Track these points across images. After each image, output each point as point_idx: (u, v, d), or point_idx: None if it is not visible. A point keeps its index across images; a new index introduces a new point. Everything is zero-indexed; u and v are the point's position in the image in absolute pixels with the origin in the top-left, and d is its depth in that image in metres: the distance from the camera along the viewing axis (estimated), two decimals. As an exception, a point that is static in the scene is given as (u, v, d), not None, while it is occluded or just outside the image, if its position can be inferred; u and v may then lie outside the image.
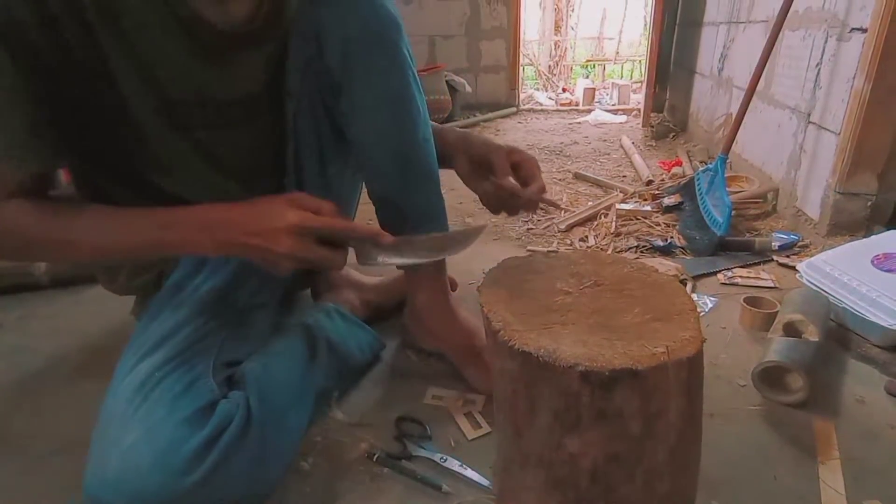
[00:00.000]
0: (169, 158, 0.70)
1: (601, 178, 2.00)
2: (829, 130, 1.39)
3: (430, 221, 0.82)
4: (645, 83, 3.19)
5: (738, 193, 1.64)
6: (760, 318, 0.98)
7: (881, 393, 0.83)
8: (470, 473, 0.69)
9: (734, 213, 1.45)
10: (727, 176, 1.65)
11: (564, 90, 5.37)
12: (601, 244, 1.41)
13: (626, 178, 2.06)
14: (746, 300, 1.01)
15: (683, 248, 1.37)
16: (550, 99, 4.82)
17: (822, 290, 1.01)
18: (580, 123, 3.36)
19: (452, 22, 3.67)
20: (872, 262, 1.02)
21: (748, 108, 1.59)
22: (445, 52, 3.68)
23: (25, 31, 0.57)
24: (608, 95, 4.81)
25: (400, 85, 0.75)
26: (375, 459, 0.72)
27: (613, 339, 0.56)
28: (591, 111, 3.74)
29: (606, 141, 2.79)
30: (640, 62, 6.93)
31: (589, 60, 8.05)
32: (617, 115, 3.57)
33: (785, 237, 1.36)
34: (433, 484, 0.68)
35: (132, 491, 0.56)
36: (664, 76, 3.45)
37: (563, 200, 1.76)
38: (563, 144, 2.69)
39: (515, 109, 3.77)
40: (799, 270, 1.09)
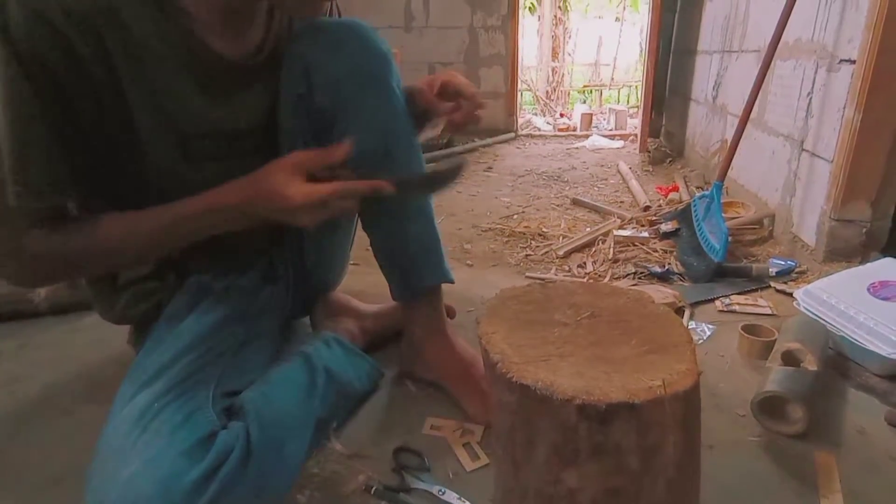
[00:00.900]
0: (177, 190, 0.71)
1: (599, 203, 2.02)
2: (822, 158, 1.41)
3: (426, 253, 0.83)
4: (641, 109, 3.24)
5: (734, 219, 1.65)
6: (759, 346, 0.98)
7: (881, 423, 0.83)
8: (468, 507, 0.69)
9: (731, 238, 1.47)
10: (723, 202, 1.66)
11: (562, 115, 5.45)
12: (599, 270, 1.42)
13: (623, 203, 2.08)
14: (744, 328, 1.02)
15: (681, 274, 1.38)
16: (548, 124, 4.88)
17: (819, 318, 1.02)
18: (578, 149, 3.40)
19: (452, 49, 3.74)
20: (868, 289, 1.02)
21: (742, 135, 1.61)
22: (444, 78, 3.74)
23: (51, 68, 0.58)
24: (605, 120, 4.88)
25: (391, 120, 0.76)
26: (373, 492, 0.71)
27: (611, 371, 0.56)
28: (588, 136, 3.78)
29: (604, 166, 2.82)
30: (636, 87, 7.04)
31: (586, 86, 8.18)
32: (614, 140, 3.61)
33: (782, 263, 1.37)
34: (431, 517, 0.67)
35: (131, 525, 0.55)
36: (660, 102, 3.50)
37: (561, 226, 1.77)
38: (561, 170, 2.72)
39: (514, 135, 3.82)
40: (796, 298, 1.09)
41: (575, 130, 4.39)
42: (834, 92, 1.36)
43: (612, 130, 4.41)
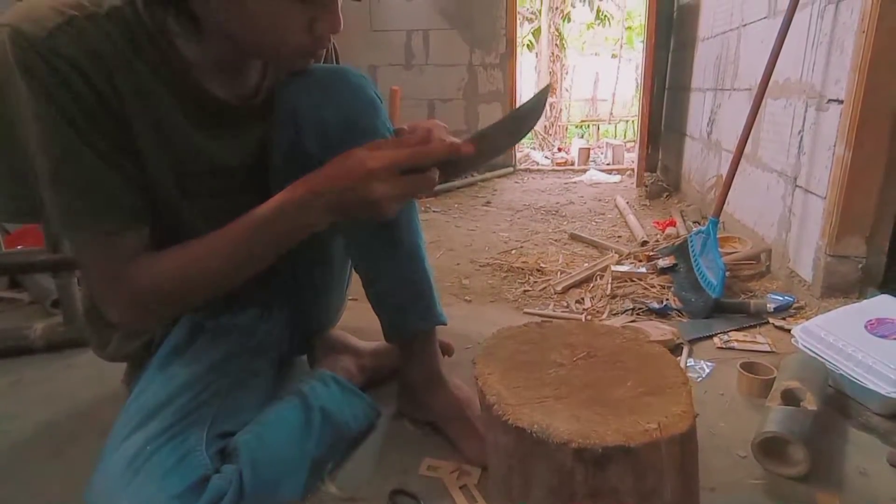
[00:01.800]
0: (175, 226, 0.73)
1: (596, 238, 2.03)
2: (815, 194, 1.42)
3: (417, 297, 0.83)
4: (637, 145, 3.29)
5: (731, 254, 1.66)
6: (758, 384, 0.98)
7: (883, 464, 0.82)
8: (465, 552, 0.67)
9: (728, 274, 1.47)
10: (720, 236, 1.68)
11: (560, 150, 5.53)
12: (597, 306, 1.42)
13: (621, 238, 2.09)
14: (743, 366, 1.01)
15: (679, 310, 1.38)
16: (547, 158, 4.95)
17: (818, 355, 1.01)
18: (576, 183, 3.44)
19: (451, 86, 3.82)
20: (866, 327, 1.02)
21: (737, 170, 1.64)
22: (444, 114, 3.82)
23: (80, 98, 0.60)
24: (603, 155, 4.95)
25: None
26: (368, 537, 0.70)
27: (606, 414, 0.56)
28: (586, 171, 3.83)
29: (601, 201, 2.84)
30: (633, 122, 7.17)
31: (583, 121, 8.32)
32: (611, 174, 3.66)
33: (780, 299, 1.37)
34: (427, 564, 0.66)
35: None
36: (656, 137, 3.56)
37: (559, 262, 1.78)
38: (559, 204, 2.74)
39: (512, 169, 3.87)
40: (794, 335, 1.09)
41: (573, 165, 4.45)
42: (824, 130, 1.39)
43: (609, 165, 4.47)
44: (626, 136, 7.27)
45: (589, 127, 7.84)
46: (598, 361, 0.66)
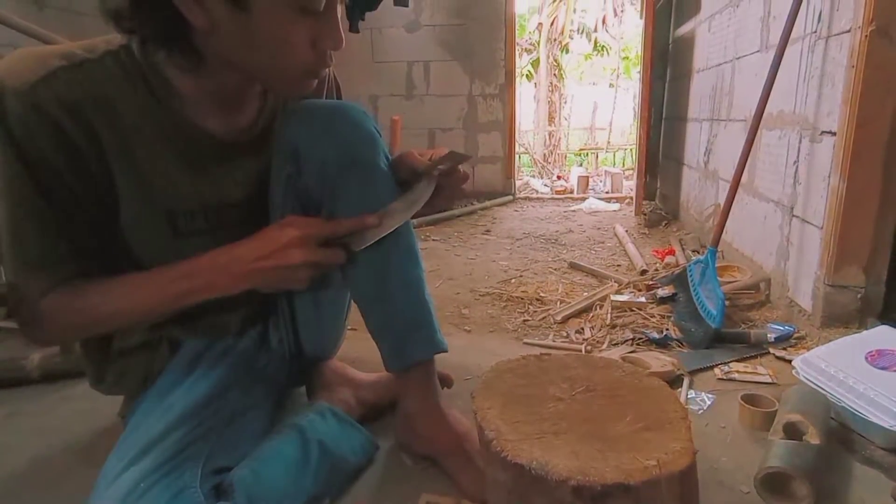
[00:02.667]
0: (167, 262, 0.73)
1: (596, 267, 2.04)
2: (812, 224, 1.43)
3: (416, 326, 0.83)
4: (635, 174, 3.32)
5: (730, 283, 1.66)
6: (760, 417, 0.97)
7: (888, 499, 0.81)
8: (464, 593, 0.66)
9: (728, 303, 1.47)
10: (719, 265, 1.68)
11: (559, 178, 5.58)
12: (597, 336, 1.41)
13: (620, 267, 2.10)
14: (744, 398, 1.00)
15: (679, 340, 1.37)
16: (546, 186, 4.99)
17: (819, 387, 1.01)
18: (575, 211, 3.46)
19: (451, 116, 3.88)
20: (866, 358, 1.02)
21: (734, 200, 1.65)
22: (444, 143, 3.86)
23: (46, 155, 0.63)
24: (602, 183, 4.99)
25: (377, 201, 0.78)
26: (365, 576, 0.68)
27: (605, 450, 0.55)
28: (585, 199, 3.86)
29: (601, 229, 2.86)
30: (631, 150, 7.25)
31: (582, 149, 8.41)
32: (610, 203, 3.69)
33: (780, 328, 1.37)
34: None
35: None
36: (654, 166, 3.60)
37: (559, 291, 1.78)
38: (558, 233, 2.76)
39: (512, 197, 3.90)
40: (795, 366, 1.08)
41: (572, 193, 4.48)
42: (818, 161, 1.41)
43: (608, 193, 4.51)
44: (624, 164, 7.35)
45: (588, 155, 7.93)
46: (596, 395, 0.66)
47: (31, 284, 0.67)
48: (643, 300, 1.61)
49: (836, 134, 1.31)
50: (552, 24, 8.71)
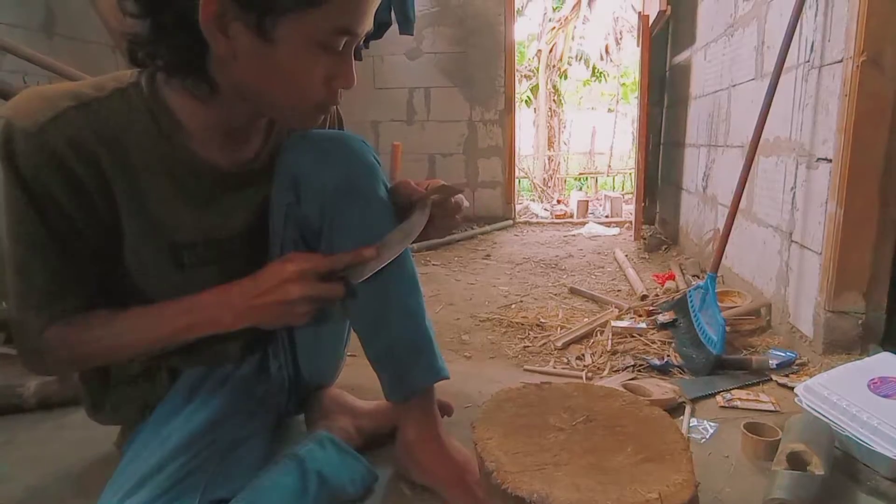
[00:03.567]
0: (170, 293, 0.73)
1: (596, 292, 2.04)
2: (811, 250, 1.44)
3: (417, 354, 0.82)
4: (634, 199, 3.34)
5: (731, 309, 1.66)
6: (763, 446, 0.96)
7: (896, 532, 0.79)
8: None
9: (729, 328, 1.46)
10: (719, 291, 1.68)
11: (559, 202, 5.61)
12: (598, 363, 1.41)
13: (620, 292, 2.09)
14: (747, 427, 0.99)
15: (681, 367, 1.36)
16: (546, 210, 5.02)
17: (822, 415, 1.00)
18: (575, 236, 3.47)
19: (451, 141, 3.93)
20: (869, 386, 1.01)
21: (733, 225, 1.66)
22: (445, 169, 3.90)
23: (53, 193, 0.64)
24: (601, 207, 5.02)
25: (377, 230, 0.78)
26: None
27: (606, 482, 0.55)
28: (585, 223, 3.88)
29: (601, 254, 2.86)
30: (630, 174, 7.30)
31: (581, 173, 8.48)
32: (610, 227, 3.70)
33: (782, 355, 1.36)
34: None
35: None
36: (653, 190, 3.63)
37: (559, 317, 1.78)
38: (558, 258, 2.76)
39: (512, 222, 3.91)
40: (797, 394, 1.08)
41: (572, 217, 4.50)
42: (815, 187, 1.42)
43: (608, 217, 4.53)
44: (623, 188, 7.40)
45: (587, 179, 7.99)
46: (597, 426, 0.65)
47: (35, 318, 0.69)
48: (644, 326, 1.61)
49: (831, 161, 1.33)
50: (551, 51, 8.88)
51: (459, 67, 3.81)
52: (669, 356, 1.42)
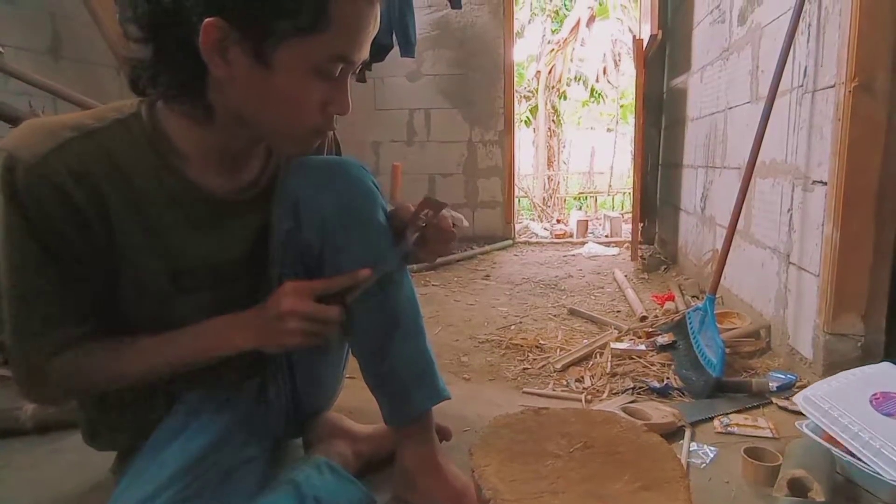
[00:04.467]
0: (170, 318, 0.74)
1: (595, 313, 2.03)
2: (809, 272, 1.44)
3: (418, 376, 0.83)
4: (632, 220, 3.35)
5: (730, 331, 1.65)
6: (763, 472, 0.95)
7: (899, 560, 0.78)
8: None
9: (729, 350, 1.46)
10: (719, 312, 1.68)
11: (559, 221, 5.63)
12: (597, 385, 1.40)
13: (619, 313, 2.09)
14: (747, 452, 0.99)
15: (680, 389, 1.36)
16: (545, 230, 5.03)
17: (823, 427, 0.99)
18: (574, 256, 3.48)
19: (451, 162, 3.96)
20: (871, 402, 1.00)
21: (731, 247, 1.66)
22: (445, 189, 3.93)
23: (55, 224, 0.65)
24: (601, 226, 5.04)
25: (376, 254, 0.79)
26: None
27: (604, 511, 0.55)
28: (584, 243, 3.88)
29: (600, 274, 2.86)
30: (629, 194, 7.33)
31: (581, 193, 8.51)
32: (609, 247, 3.71)
33: (782, 377, 1.36)
34: None
35: None
36: (652, 210, 3.64)
37: (558, 338, 1.78)
38: (557, 278, 2.76)
39: (511, 242, 3.92)
40: (797, 402, 1.06)
41: (571, 237, 4.51)
42: (812, 210, 1.43)
43: (607, 237, 4.54)
44: (623, 207, 7.42)
45: (587, 199, 8.02)
46: (595, 452, 0.65)
47: (36, 348, 0.69)
48: (643, 348, 1.60)
49: (827, 184, 1.34)
50: (550, 72, 8.99)
51: (459, 89, 3.86)
52: (669, 379, 1.41)
